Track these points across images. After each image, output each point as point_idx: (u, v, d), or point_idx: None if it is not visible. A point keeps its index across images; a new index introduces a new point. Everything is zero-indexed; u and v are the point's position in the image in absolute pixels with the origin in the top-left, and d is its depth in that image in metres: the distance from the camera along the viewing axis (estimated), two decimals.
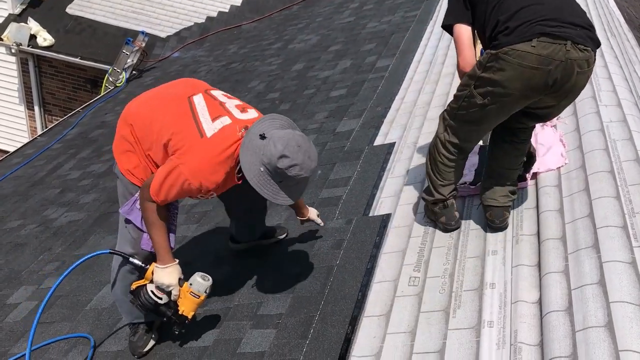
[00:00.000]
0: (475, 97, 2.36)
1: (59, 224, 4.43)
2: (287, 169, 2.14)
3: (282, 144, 2.14)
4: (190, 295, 2.35)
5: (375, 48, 5.81)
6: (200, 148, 2.23)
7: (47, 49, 9.87)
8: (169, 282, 2.36)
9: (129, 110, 2.52)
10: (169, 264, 2.38)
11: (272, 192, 2.21)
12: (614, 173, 2.51)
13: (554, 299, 2.00)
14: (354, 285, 2.54)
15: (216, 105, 2.38)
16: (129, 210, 2.47)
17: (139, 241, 2.50)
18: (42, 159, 6.40)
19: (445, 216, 2.66)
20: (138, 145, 2.44)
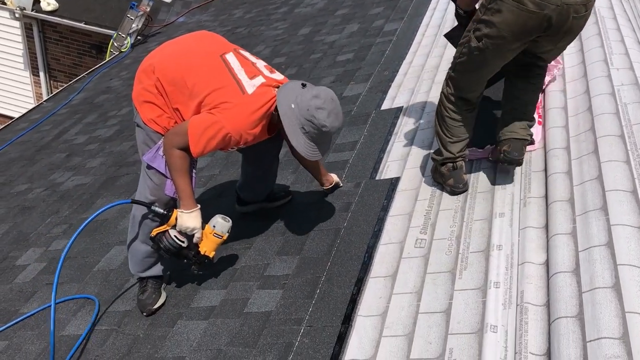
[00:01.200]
0: (472, 41, 2.42)
1: (66, 188, 4.44)
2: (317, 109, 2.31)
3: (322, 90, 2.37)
4: (213, 236, 2.48)
5: (383, 12, 5.72)
6: (243, 104, 2.35)
7: (51, 13, 9.76)
8: (193, 226, 2.44)
9: (154, 62, 2.51)
10: (193, 209, 2.45)
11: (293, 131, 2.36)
12: (624, 137, 2.48)
13: (561, 260, 2.00)
14: (361, 246, 2.55)
15: (249, 64, 2.50)
16: (153, 158, 2.51)
17: (162, 187, 2.54)
18: (48, 124, 6.39)
19: (454, 178, 2.65)
20: (164, 98, 2.48)
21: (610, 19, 3.70)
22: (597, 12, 3.80)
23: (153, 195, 2.56)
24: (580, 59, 3.35)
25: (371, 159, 3.24)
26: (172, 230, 2.47)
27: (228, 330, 2.38)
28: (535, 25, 2.26)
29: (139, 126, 2.58)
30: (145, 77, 2.52)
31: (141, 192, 2.62)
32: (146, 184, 2.58)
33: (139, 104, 2.54)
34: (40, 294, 3.15)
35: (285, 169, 3.39)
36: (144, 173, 2.58)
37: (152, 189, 2.56)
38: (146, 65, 2.55)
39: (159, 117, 2.51)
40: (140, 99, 2.53)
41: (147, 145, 2.55)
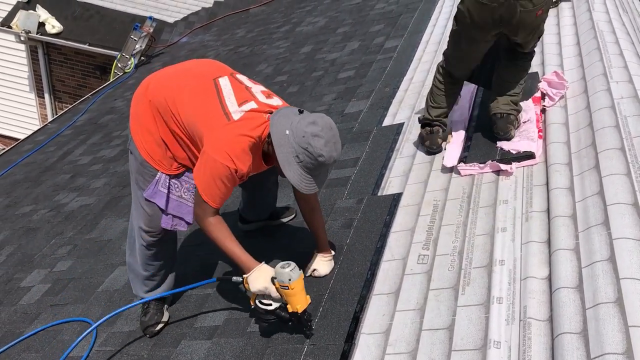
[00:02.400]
0: (457, 28, 2.92)
1: (71, 209, 4.46)
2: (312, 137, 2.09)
3: (319, 116, 2.15)
4: (283, 290, 2.18)
5: (383, 29, 5.76)
6: (226, 131, 2.17)
7: (56, 36, 9.90)
8: (262, 286, 2.21)
9: (147, 86, 2.45)
10: (254, 269, 2.25)
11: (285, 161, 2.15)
12: (624, 150, 2.48)
13: (564, 276, 1.99)
14: (364, 264, 2.54)
15: (242, 89, 2.33)
16: (153, 194, 2.46)
17: (157, 218, 2.51)
18: (53, 145, 6.44)
19: (429, 140, 3.15)
20: (157, 125, 2.38)
21: (609, 33, 3.72)
22: (595, 26, 3.82)
23: (148, 226, 2.53)
24: (580, 75, 3.36)
25: (373, 175, 3.25)
26: (257, 297, 2.27)
27: (232, 350, 2.37)
28: (487, 17, 2.71)
29: (132, 153, 2.49)
30: (139, 101, 2.44)
31: (136, 220, 2.58)
32: (139, 213, 2.55)
33: (134, 131, 2.45)
34: (44, 315, 3.16)
35: (287, 187, 3.39)
36: (138, 203, 2.54)
37: (146, 219, 2.53)
38: (143, 87, 2.48)
39: (152, 147, 2.41)
40: (135, 125, 2.45)
41: (141, 175, 2.47)
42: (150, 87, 2.43)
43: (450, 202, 2.73)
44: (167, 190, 2.47)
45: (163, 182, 2.46)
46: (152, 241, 2.57)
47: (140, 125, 2.42)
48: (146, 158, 2.43)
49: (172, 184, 2.47)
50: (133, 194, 2.59)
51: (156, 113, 2.37)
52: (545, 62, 3.75)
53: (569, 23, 4.21)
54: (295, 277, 2.16)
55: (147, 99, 2.39)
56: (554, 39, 4.06)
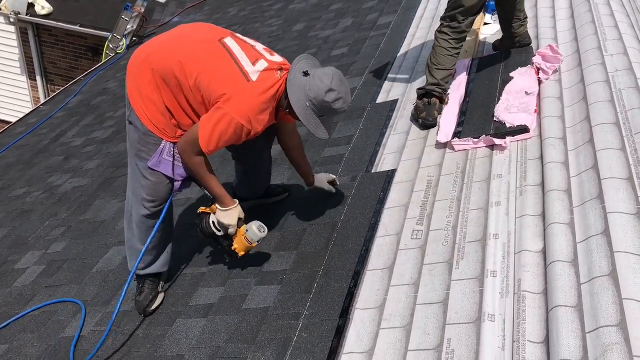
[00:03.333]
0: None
1: (64, 190, 4.44)
2: (333, 102, 2.31)
3: (329, 79, 2.31)
4: (243, 239, 2.50)
5: (376, 5, 5.70)
6: (248, 92, 2.29)
7: (46, 17, 9.74)
8: (228, 223, 2.47)
9: (149, 53, 2.42)
10: (229, 207, 2.48)
11: (315, 126, 2.37)
12: (619, 124, 2.47)
13: (559, 249, 1.99)
14: (358, 240, 2.54)
15: (249, 48, 2.43)
16: (157, 163, 2.48)
17: (161, 186, 2.52)
18: (46, 128, 6.39)
19: (426, 112, 3.20)
20: (161, 94, 2.38)
21: (603, 5, 3.69)
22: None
23: (151, 195, 2.53)
24: (575, 48, 3.34)
25: (367, 152, 3.23)
26: (213, 216, 2.53)
27: (227, 327, 2.38)
28: None
29: (133, 124, 2.47)
30: (139, 71, 2.41)
31: (137, 192, 2.57)
32: (141, 183, 2.53)
33: (135, 102, 2.43)
34: (39, 297, 3.15)
35: (281, 165, 3.38)
36: (138, 172, 2.52)
37: (149, 187, 2.52)
38: (140, 57, 2.43)
39: (155, 116, 2.41)
40: (136, 95, 2.42)
41: (144, 146, 2.46)
42: (152, 57, 2.40)
43: (444, 178, 2.72)
44: (173, 158, 2.49)
45: (168, 150, 2.48)
46: (155, 210, 2.57)
47: (142, 96, 2.41)
48: (150, 127, 2.43)
49: (176, 151, 2.49)
50: (131, 167, 2.57)
51: (160, 82, 2.37)
52: (539, 35, 3.72)
53: None
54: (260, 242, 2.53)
55: (150, 69, 2.37)
56: (548, 12, 4.02)
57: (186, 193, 3.43)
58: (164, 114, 2.41)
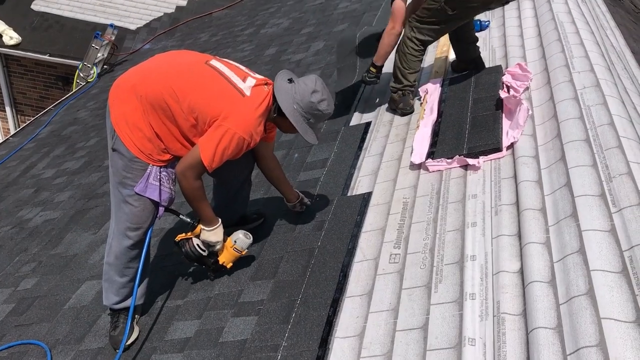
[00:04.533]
0: (446, 10, 3.28)
1: (35, 224, 4.33)
2: (318, 103, 2.48)
3: (312, 82, 2.51)
4: (232, 250, 2.62)
5: (347, 28, 5.74)
6: (246, 106, 2.42)
7: (15, 47, 9.63)
8: (215, 240, 2.58)
9: (134, 83, 2.45)
10: (215, 226, 2.57)
11: (304, 129, 2.53)
12: (589, 141, 2.49)
13: (537, 270, 1.98)
14: (335, 266, 2.51)
15: (235, 67, 2.56)
16: (144, 188, 2.48)
17: (146, 212, 2.51)
18: (15, 160, 6.25)
19: (403, 102, 3.53)
20: (149, 121, 2.41)
21: (568, 23, 3.75)
22: (556, 18, 3.85)
23: (136, 223, 2.51)
24: (543, 66, 3.38)
25: (342, 175, 3.22)
26: (196, 239, 2.59)
27: None
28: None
29: (117, 152, 2.46)
30: (124, 100, 2.44)
31: (119, 222, 2.54)
32: (124, 211, 2.51)
33: (121, 130, 2.43)
34: (9, 336, 3.04)
35: (256, 191, 3.35)
36: (122, 200, 2.50)
37: (134, 214, 2.50)
38: (124, 86, 2.47)
39: (142, 142, 2.43)
40: (121, 123, 2.43)
41: (129, 172, 2.45)
42: (138, 86, 2.44)
43: (420, 199, 2.71)
44: (159, 182, 2.50)
45: (154, 174, 2.49)
46: (138, 239, 2.55)
47: (128, 123, 2.43)
48: (136, 153, 2.44)
49: (162, 176, 2.51)
50: (114, 196, 2.56)
51: (148, 108, 2.41)
52: (508, 54, 3.77)
53: (530, 15, 4.24)
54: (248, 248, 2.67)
55: (136, 97, 2.41)
56: (516, 31, 4.08)
57: (159, 224, 3.36)
58: (151, 139, 2.44)
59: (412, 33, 3.42)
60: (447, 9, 3.30)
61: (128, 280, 2.62)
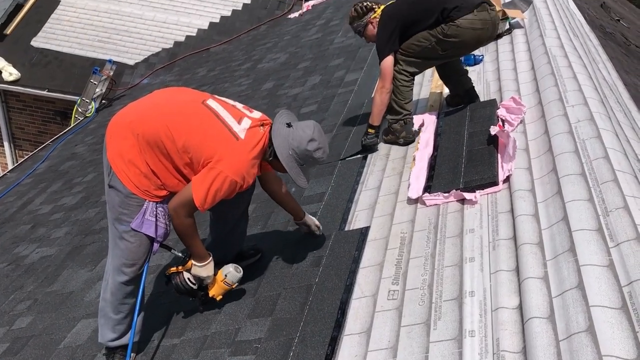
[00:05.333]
0: (437, 49, 3.39)
1: (31, 261, 4.30)
2: (314, 151, 2.50)
3: (310, 130, 2.51)
4: (223, 283, 2.65)
5: (343, 62, 5.81)
6: (239, 150, 2.42)
7: (14, 83, 9.71)
8: (206, 275, 2.60)
9: (131, 120, 2.48)
10: (206, 261, 2.59)
11: (296, 174, 2.54)
12: (585, 175, 2.49)
13: (535, 305, 1.96)
14: (334, 303, 2.48)
15: (231, 107, 2.57)
16: (140, 224, 2.49)
17: (141, 248, 2.52)
18: (12, 195, 6.26)
19: (406, 131, 3.59)
20: (145, 158, 2.44)
21: (561, 57, 3.80)
22: (549, 52, 3.91)
23: (132, 259, 2.52)
24: (537, 100, 3.42)
25: (339, 209, 3.22)
26: (186, 273, 2.61)
27: None
28: (485, 36, 3.42)
29: (114, 188, 2.48)
30: (121, 137, 2.47)
31: (115, 259, 2.55)
32: (120, 247, 2.51)
33: (117, 166, 2.45)
34: None
35: (254, 226, 3.34)
36: (118, 236, 2.51)
37: (130, 250, 2.50)
38: (121, 123, 2.49)
39: (138, 179, 2.45)
40: (117, 160, 2.45)
41: (125, 209, 2.47)
42: (135, 123, 2.46)
43: (418, 234, 2.71)
44: (155, 218, 2.52)
45: (151, 210, 2.50)
46: (133, 275, 2.55)
47: (124, 160, 2.45)
48: (132, 189, 2.45)
49: (158, 211, 2.52)
50: (111, 233, 2.57)
51: (145, 146, 2.43)
52: (502, 88, 3.81)
53: (523, 49, 4.30)
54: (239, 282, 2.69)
55: (133, 134, 2.43)
56: (510, 65, 4.14)
57: (155, 260, 3.35)
58: (147, 176, 2.46)
59: (400, 66, 3.49)
60: (438, 49, 3.39)
61: (123, 316, 2.61)
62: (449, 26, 3.30)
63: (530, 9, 5.08)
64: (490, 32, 3.42)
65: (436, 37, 3.34)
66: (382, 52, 3.50)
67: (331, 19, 8.07)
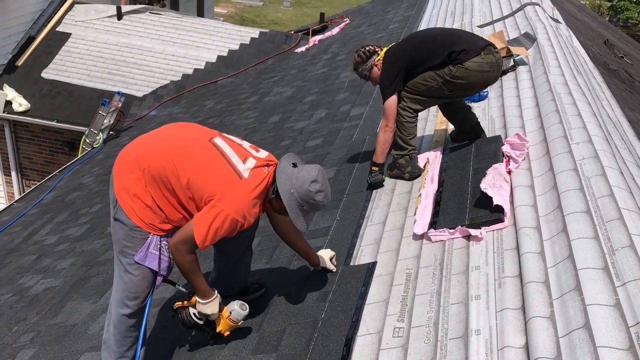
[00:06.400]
0: (443, 89, 3.46)
1: (35, 292, 4.30)
2: (316, 193, 2.45)
3: (315, 172, 2.48)
4: (228, 320, 2.62)
5: (348, 97, 5.88)
6: (241, 189, 2.42)
7: (23, 114, 9.84)
8: (211, 312, 2.57)
9: (138, 154, 2.51)
10: (210, 298, 2.56)
11: (296, 215, 2.48)
12: (590, 212, 2.50)
13: (542, 345, 1.95)
14: (339, 339, 2.47)
15: (238, 146, 2.58)
16: (144, 257, 2.50)
17: (145, 281, 2.54)
18: (18, 225, 6.28)
19: (411, 166, 3.63)
20: (150, 192, 2.46)
21: (566, 95, 3.84)
22: (553, 89, 3.95)
23: (135, 292, 2.53)
24: (542, 137, 3.44)
25: (345, 244, 3.22)
26: (192, 308, 2.60)
27: None
28: (491, 78, 3.51)
29: (119, 221, 2.51)
30: (127, 170, 2.50)
31: (119, 292, 2.56)
32: (123, 279, 2.53)
33: (122, 200, 2.48)
34: None
35: (258, 260, 3.34)
36: (122, 269, 2.53)
37: (133, 283, 2.52)
38: (129, 157, 2.53)
39: (143, 212, 2.47)
40: (123, 193, 2.49)
41: (129, 242, 2.50)
42: (141, 157, 2.49)
43: (423, 270, 2.70)
44: (159, 252, 2.53)
45: (155, 244, 2.51)
46: (136, 308, 2.57)
47: (129, 193, 2.48)
48: (137, 223, 2.48)
49: (162, 245, 2.53)
50: (116, 266, 2.59)
51: (150, 180, 2.46)
52: (507, 124, 3.84)
53: (528, 86, 4.35)
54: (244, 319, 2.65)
55: (139, 168, 2.46)
56: (514, 101, 4.18)
57: (160, 293, 3.34)
58: (152, 209, 2.48)
59: (404, 103, 3.54)
60: (445, 89, 3.45)
61: (126, 349, 2.62)
62: (457, 68, 3.36)
63: (535, 46, 5.15)
64: (495, 74, 3.49)
65: (443, 77, 3.40)
66: (386, 91, 3.55)
67: (337, 53, 8.18)
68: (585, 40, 6.87)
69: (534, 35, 5.45)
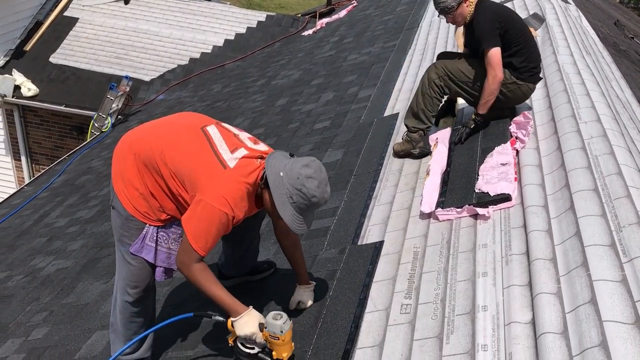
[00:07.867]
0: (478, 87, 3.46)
1: (47, 273, 4.36)
2: (306, 178, 2.20)
3: (309, 159, 2.27)
4: (271, 338, 2.24)
5: (356, 79, 5.87)
6: (224, 178, 2.25)
7: (32, 98, 9.89)
8: (250, 332, 2.25)
9: (130, 143, 2.46)
10: (242, 314, 2.26)
11: (281, 203, 2.24)
12: (598, 190, 2.51)
13: (548, 321, 1.97)
14: (347, 316, 2.50)
15: (231, 136, 2.41)
16: (140, 249, 2.45)
17: (144, 272, 2.49)
18: (29, 209, 6.34)
19: (423, 142, 3.65)
20: (142, 179, 2.40)
21: (574, 74, 3.82)
22: (561, 69, 3.93)
23: (134, 281, 2.51)
24: (550, 116, 3.43)
25: (352, 224, 3.24)
26: (239, 338, 2.32)
27: None
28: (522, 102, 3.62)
29: (115, 209, 2.49)
30: (123, 157, 2.46)
31: (120, 278, 2.55)
32: (124, 268, 2.52)
33: (118, 187, 2.46)
34: None
35: (267, 240, 3.37)
36: (122, 258, 2.51)
37: (132, 273, 2.50)
38: (125, 142, 2.50)
39: (138, 201, 2.42)
40: (119, 181, 2.46)
41: (126, 231, 2.46)
42: (135, 143, 2.45)
43: (430, 249, 2.72)
44: (155, 243, 2.47)
45: (150, 235, 2.45)
46: (138, 296, 2.53)
47: (124, 181, 2.43)
48: (132, 212, 2.42)
49: (160, 236, 2.47)
50: (117, 251, 2.56)
51: (142, 167, 2.39)
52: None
53: None
54: (286, 329, 2.22)
55: (132, 153, 2.41)
56: None
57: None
58: (146, 198, 2.42)
59: (440, 82, 3.55)
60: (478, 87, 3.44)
61: (133, 333, 2.60)
62: (513, 81, 3.42)
63: (543, 27, 5.12)
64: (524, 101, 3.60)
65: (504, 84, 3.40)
66: (488, 38, 3.30)
67: (345, 36, 8.15)
68: (595, 21, 6.80)
69: (542, 15, 5.40)
